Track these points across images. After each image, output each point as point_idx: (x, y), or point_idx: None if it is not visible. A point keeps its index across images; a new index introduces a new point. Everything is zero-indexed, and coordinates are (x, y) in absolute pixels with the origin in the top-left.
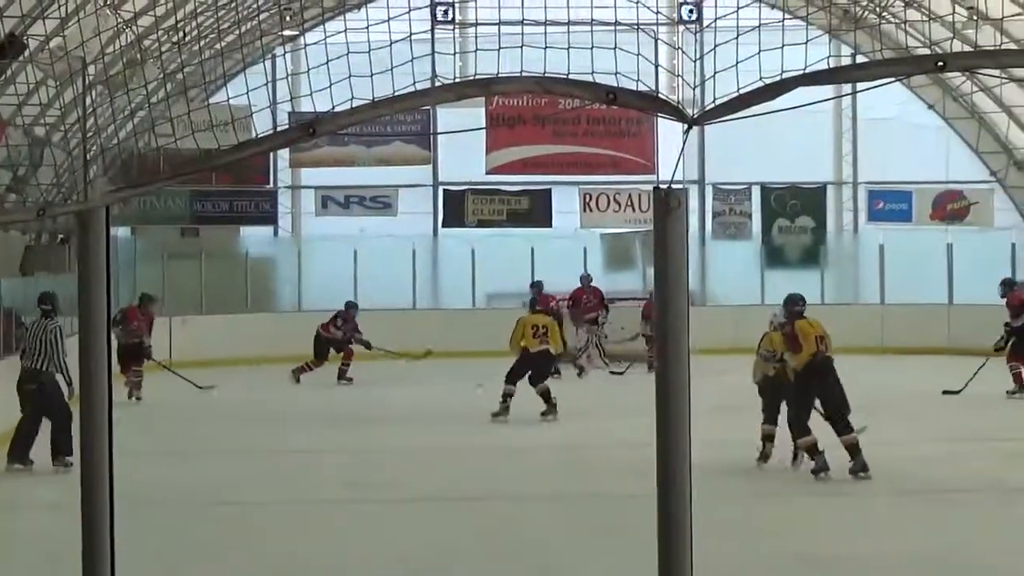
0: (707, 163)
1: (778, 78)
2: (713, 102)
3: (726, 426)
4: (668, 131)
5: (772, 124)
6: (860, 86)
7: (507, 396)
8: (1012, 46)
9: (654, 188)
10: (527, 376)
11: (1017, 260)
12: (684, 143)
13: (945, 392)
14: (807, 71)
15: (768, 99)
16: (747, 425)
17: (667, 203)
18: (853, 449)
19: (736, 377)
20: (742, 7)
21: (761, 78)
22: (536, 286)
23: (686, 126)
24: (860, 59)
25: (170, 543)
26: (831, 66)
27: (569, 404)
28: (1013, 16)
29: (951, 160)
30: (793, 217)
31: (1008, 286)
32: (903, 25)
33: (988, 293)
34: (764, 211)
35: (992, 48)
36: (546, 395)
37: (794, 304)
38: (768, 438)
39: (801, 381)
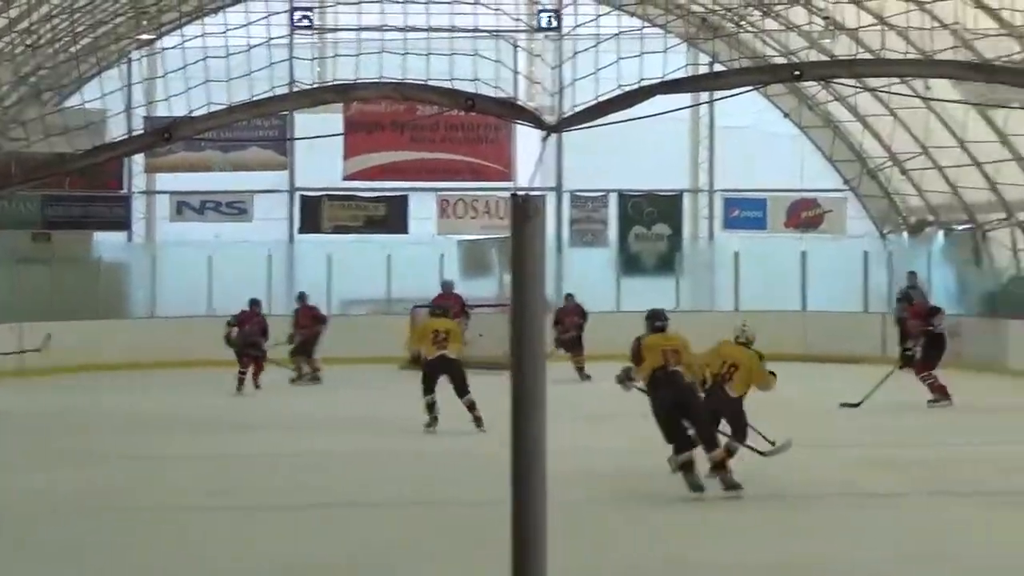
0: (564, 170)
1: (636, 86)
2: (571, 109)
3: (597, 433)
4: (526, 138)
5: (630, 131)
6: (717, 94)
7: (429, 406)
8: (867, 56)
9: (512, 195)
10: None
11: (869, 268)
12: (542, 150)
13: (843, 405)
14: (665, 79)
15: (626, 107)
16: (616, 432)
17: (525, 210)
18: (718, 466)
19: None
20: (601, 15)
21: (620, 86)
22: (445, 285)
23: (544, 133)
24: (718, 68)
25: (18, 550)
26: (689, 74)
27: (449, 409)
28: (868, 26)
29: (806, 168)
30: (649, 224)
31: (906, 300)
32: (760, 34)
33: (841, 300)
34: (621, 218)
35: (847, 58)
36: (471, 406)
37: (654, 320)
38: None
39: (650, 395)
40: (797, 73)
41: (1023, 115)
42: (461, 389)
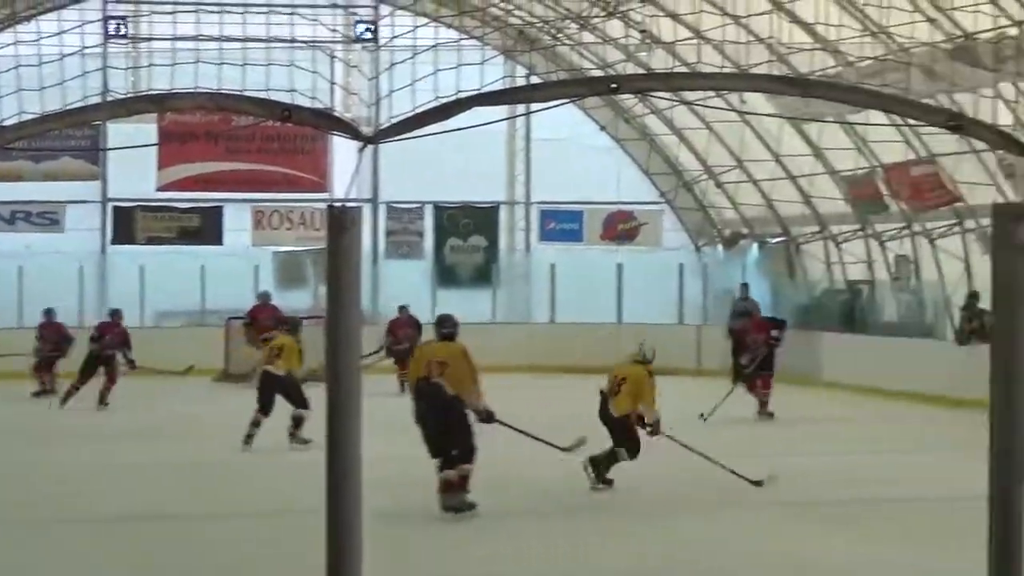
0: (380, 181)
1: (453, 97)
2: (388, 121)
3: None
4: (343, 149)
5: (447, 143)
6: (534, 106)
7: (253, 424)
8: (683, 69)
9: (328, 206)
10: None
11: (685, 280)
12: (359, 162)
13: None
14: (482, 91)
15: (443, 118)
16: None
17: (341, 222)
18: (444, 485)
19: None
20: (418, 27)
21: (437, 97)
22: (261, 297)
23: (361, 144)
24: (535, 80)
25: None
26: (506, 86)
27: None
28: (684, 40)
29: (622, 181)
30: (466, 236)
31: (746, 314)
32: (577, 47)
33: (657, 312)
34: (437, 230)
35: (664, 71)
36: (296, 421)
37: (440, 326)
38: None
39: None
40: (614, 86)
41: (837, 129)
42: (296, 403)
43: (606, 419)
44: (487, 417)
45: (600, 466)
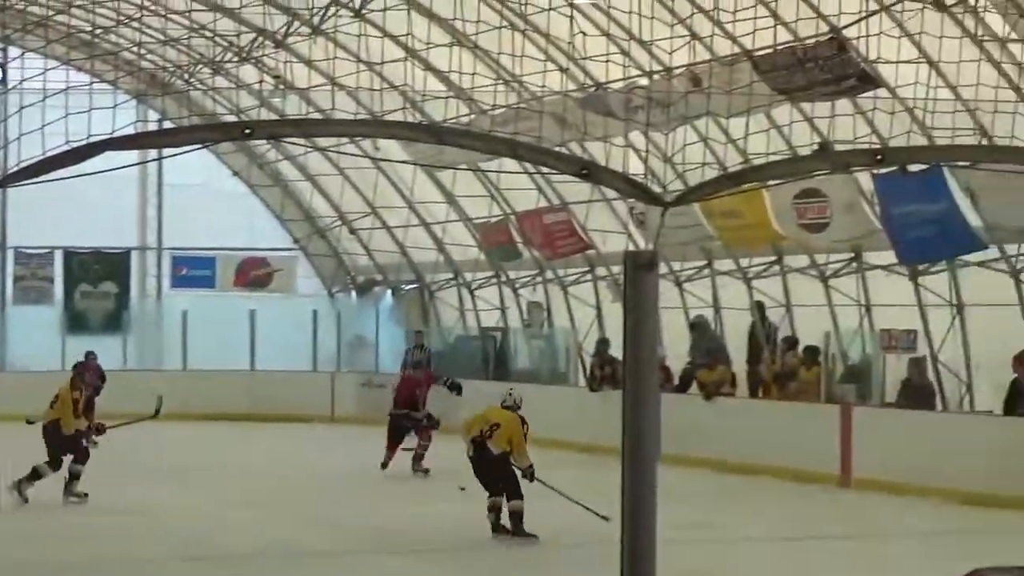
0: (8, 226)
1: (85, 142)
2: (17, 165)
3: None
4: None
5: (77, 188)
6: (166, 151)
7: (32, 475)
8: (317, 115)
9: None
10: None
11: (318, 327)
12: None
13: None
14: (114, 135)
15: (74, 163)
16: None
17: None
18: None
19: None
20: (49, 69)
21: (68, 141)
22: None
23: None
24: (168, 124)
25: None
26: (138, 131)
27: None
28: (318, 86)
29: (256, 227)
30: (96, 282)
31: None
32: (210, 92)
33: (291, 359)
34: (67, 276)
35: (297, 117)
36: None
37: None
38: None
39: None
40: (248, 131)
41: (471, 176)
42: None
43: (485, 461)
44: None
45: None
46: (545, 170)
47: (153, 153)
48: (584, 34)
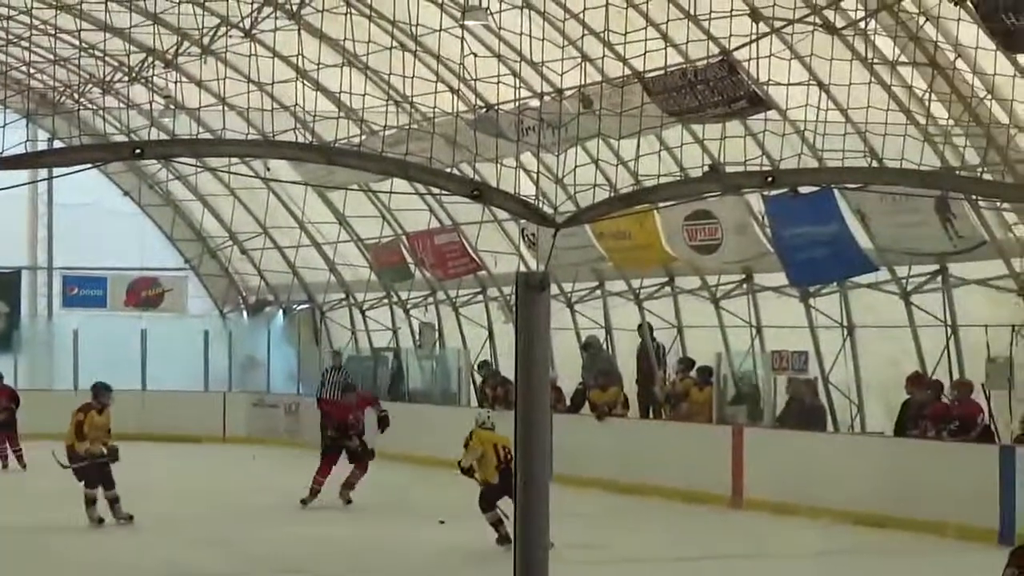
0: None
1: None
2: None
3: None
4: None
5: None
6: (56, 171)
7: None
8: (207, 135)
9: None
10: None
11: (210, 346)
12: None
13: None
14: (3, 154)
15: None
16: None
17: None
18: None
19: None
20: None
21: None
22: None
23: None
24: (57, 144)
25: None
26: (28, 150)
27: None
28: (209, 106)
29: (147, 247)
30: None
31: (350, 391)
32: (101, 111)
33: (183, 378)
34: None
35: (188, 137)
36: None
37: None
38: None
39: None
40: (138, 151)
41: (362, 197)
42: None
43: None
44: None
45: None
46: (436, 191)
47: (43, 172)
48: (475, 55)
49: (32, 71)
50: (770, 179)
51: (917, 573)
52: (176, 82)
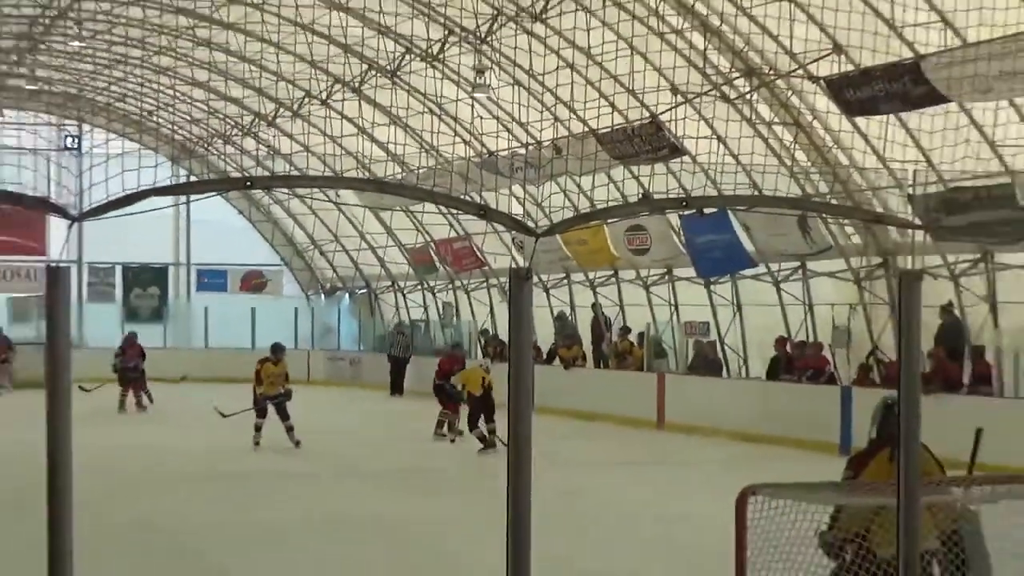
0: (84, 248)
1: (138, 190)
2: (90, 205)
3: None
4: (57, 225)
5: (131, 221)
6: (193, 197)
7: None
8: (296, 172)
9: (46, 266)
10: None
11: (299, 319)
12: (68, 234)
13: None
14: (156, 186)
15: (129, 204)
16: None
17: (56, 275)
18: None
19: None
20: (110, 140)
21: (124, 189)
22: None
23: (70, 222)
24: (193, 178)
25: None
26: (173, 183)
27: None
28: (296, 152)
29: (254, 250)
30: (145, 286)
31: (457, 347)
32: (223, 156)
33: (279, 340)
34: (125, 282)
35: (284, 175)
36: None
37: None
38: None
39: None
40: (248, 184)
41: (402, 216)
42: None
43: (489, 398)
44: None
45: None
46: (454, 211)
47: (183, 198)
48: (481, 117)
49: (175, 128)
50: (684, 204)
51: (782, 472)
52: (274, 136)
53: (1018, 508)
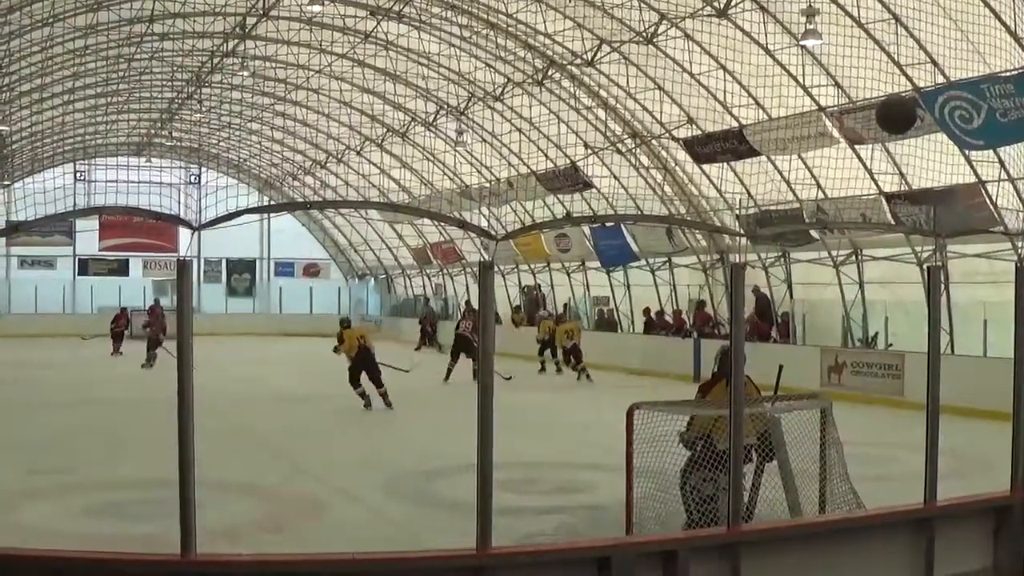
0: (203, 247)
1: (237, 210)
2: (206, 220)
3: None
4: (184, 232)
5: (232, 231)
6: (273, 215)
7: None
8: (338, 198)
9: (177, 259)
10: None
11: (341, 295)
12: (191, 239)
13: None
14: (248, 208)
15: (232, 219)
16: None
17: (183, 266)
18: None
19: None
20: (219, 177)
21: (227, 209)
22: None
23: (192, 231)
24: (272, 202)
25: None
26: (259, 205)
27: None
28: (338, 185)
29: (312, 248)
30: (241, 272)
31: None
32: (290, 187)
33: (331, 312)
34: (228, 270)
35: (332, 199)
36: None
37: (342, 324)
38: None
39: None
40: (308, 206)
41: (409, 227)
42: None
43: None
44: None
45: None
46: (443, 224)
47: (267, 215)
48: (461, 162)
49: (260, 170)
50: (593, 219)
51: (656, 394)
52: (325, 175)
53: (802, 416)
